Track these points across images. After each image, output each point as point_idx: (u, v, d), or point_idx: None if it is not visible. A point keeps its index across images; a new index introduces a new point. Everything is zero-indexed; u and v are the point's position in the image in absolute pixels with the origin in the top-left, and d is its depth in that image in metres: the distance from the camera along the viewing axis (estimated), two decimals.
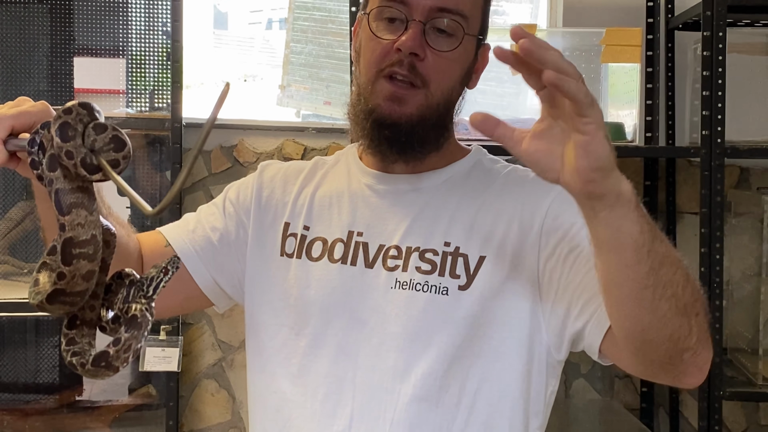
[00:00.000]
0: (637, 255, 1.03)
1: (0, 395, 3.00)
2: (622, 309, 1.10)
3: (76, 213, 0.97)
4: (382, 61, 1.31)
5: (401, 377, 1.29)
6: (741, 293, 2.95)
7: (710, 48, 2.51)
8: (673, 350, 1.11)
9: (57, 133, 0.96)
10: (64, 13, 2.92)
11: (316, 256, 1.38)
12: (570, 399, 3.01)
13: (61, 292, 0.97)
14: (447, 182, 1.39)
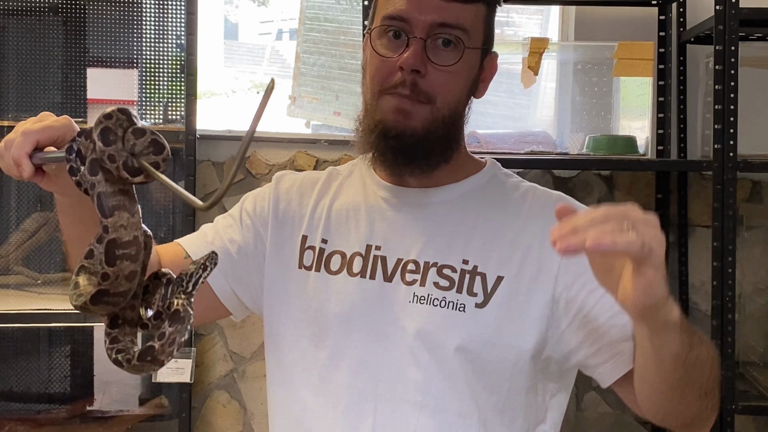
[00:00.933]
0: (673, 366, 1.14)
1: (13, 405, 3.01)
2: (652, 398, 1.23)
3: (119, 215, 0.99)
4: (386, 80, 1.33)
5: (422, 390, 1.31)
6: (753, 306, 2.94)
7: (722, 62, 2.51)
8: (689, 421, 1.26)
9: (99, 138, 0.98)
10: (78, 24, 2.93)
11: (335, 270, 1.39)
12: (582, 412, 3.01)
13: (105, 292, 1.00)
14: (464, 197, 1.40)
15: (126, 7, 2.97)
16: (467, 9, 1.33)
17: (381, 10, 1.35)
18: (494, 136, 2.75)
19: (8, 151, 1.10)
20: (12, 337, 2.99)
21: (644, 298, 1.02)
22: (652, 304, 1.04)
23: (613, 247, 0.96)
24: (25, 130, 1.10)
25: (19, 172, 1.10)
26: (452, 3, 1.31)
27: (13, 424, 2.80)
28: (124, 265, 0.99)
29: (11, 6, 2.91)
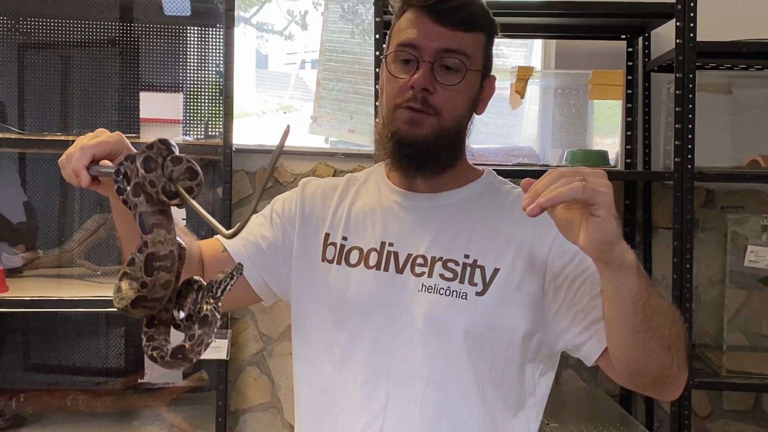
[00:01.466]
0: (634, 306, 1.14)
1: (76, 378, 3.01)
2: (620, 344, 1.20)
3: (157, 232, 1.00)
4: (399, 96, 1.34)
5: (429, 367, 1.32)
6: (707, 297, 2.94)
7: (682, 87, 2.51)
8: (658, 377, 1.22)
9: (141, 165, 0.99)
10: (132, 54, 2.94)
11: (354, 263, 1.39)
12: (560, 387, 3.00)
13: (143, 298, 1.01)
14: (465, 200, 1.41)
15: (173, 39, 2.97)
16: (468, 37, 1.34)
17: (395, 39, 1.37)
18: (486, 150, 2.75)
19: (69, 164, 1.12)
20: (75, 320, 3.00)
21: (599, 236, 1.06)
22: (606, 240, 1.07)
23: (561, 198, 1.04)
24: (83, 146, 1.12)
25: (78, 182, 1.12)
26: (456, 32, 1.33)
27: (76, 393, 2.81)
28: (161, 275, 1.00)
29: (76, 39, 2.92)
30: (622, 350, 1.21)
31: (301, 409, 1.44)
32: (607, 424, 2.60)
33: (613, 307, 1.17)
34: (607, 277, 1.14)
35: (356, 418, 1.33)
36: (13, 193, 2.96)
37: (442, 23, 1.32)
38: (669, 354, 1.20)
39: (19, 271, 2.82)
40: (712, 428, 3.02)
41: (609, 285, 1.15)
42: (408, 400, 1.32)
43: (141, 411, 2.85)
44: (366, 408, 1.33)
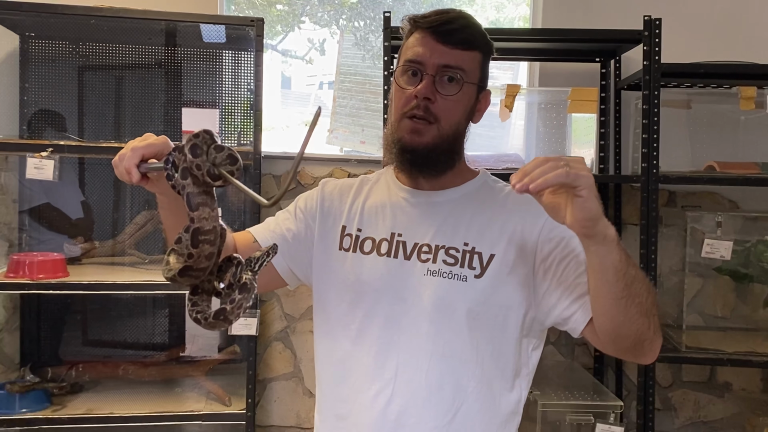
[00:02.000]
0: (616, 276, 1.14)
1: (127, 351, 3.01)
2: (603, 311, 1.19)
3: (202, 210, 0.99)
4: (405, 105, 1.33)
5: (433, 341, 1.31)
6: (669, 283, 2.93)
7: (648, 103, 2.49)
8: (637, 340, 1.20)
9: (189, 151, 0.98)
10: (175, 75, 2.94)
11: (367, 251, 1.38)
12: (542, 361, 2.92)
13: (189, 268, 1.00)
14: (464, 196, 1.40)
15: (210, 62, 2.97)
16: (466, 54, 1.33)
17: (404, 56, 1.36)
18: (479, 156, 2.73)
19: (121, 163, 1.12)
20: (126, 302, 3.00)
21: (583, 213, 1.07)
22: (590, 217, 1.08)
23: (548, 183, 1.05)
24: (133, 147, 1.12)
25: (130, 179, 1.12)
26: (455, 50, 1.32)
27: (126, 364, 2.81)
28: (205, 248, 0.99)
29: (128, 62, 2.93)
30: (607, 318, 1.19)
31: (322, 379, 1.43)
32: (582, 392, 2.60)
33: (597, 279, 1.16)
34: (591, 250, 1.13)
35: (370, 384, 1.33)
36: (72, 193, 2.95)
37: (444, 42, 1.32)
38: (646, 319, 1.18)
39: (78, 259, 2.81)
40: (672, 396, 3.01)
41: (594, 257, 1.14)
42: (415, 369, 1.31)
43: (182, 380, 2.84)
44: (379, 376, 1.32)
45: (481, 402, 1.32)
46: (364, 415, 1.33)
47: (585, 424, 2.51)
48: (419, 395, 1.31)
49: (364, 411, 1.33)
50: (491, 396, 1.34)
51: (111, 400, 2.63)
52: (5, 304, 2.84)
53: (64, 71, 2.87)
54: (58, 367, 2.76)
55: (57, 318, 2.95)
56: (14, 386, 2.53)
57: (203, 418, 2.54)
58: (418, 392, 1.31)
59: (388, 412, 1.31)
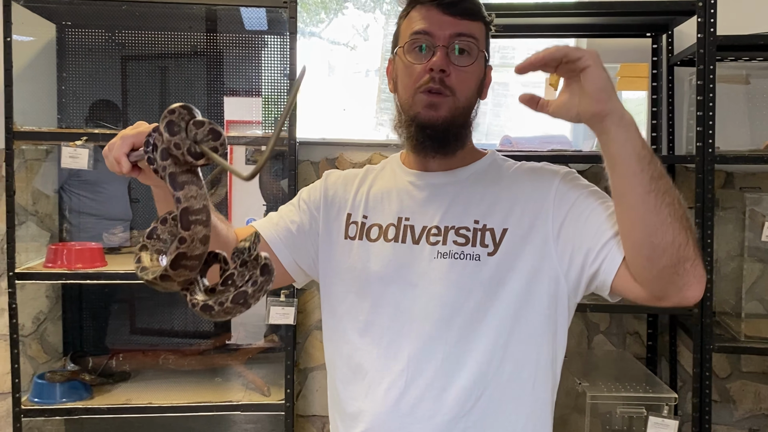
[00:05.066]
0: (640, 164, 1.06)
1: (173, 340, 2.99)
2: (633, 213, 1.08)
3: (188, 188, 0.89)
4: (418, 80, 1.26)
5: (447, 326, 1.23)
6: (727, 269, 2.77)
7: (703, 78, 2.34)
8: (676, 257, 1.07)
9: (165, 130, 0.89)
10: (217, 64, 2.89)
11: (374, 238, 1.31)
12: (592, 350, 2.87)
13: (183, 255, 0.88)
14: (472, 175, 1.33)
15: (251, 48, 2.91)
16: (474, 24, 1.29)
17: (406, 32, 1.30)
18: (523, 138, 2.61)
19: (111, 152, 1.06)
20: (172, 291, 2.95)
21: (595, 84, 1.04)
22: (603, 87, 1.04)
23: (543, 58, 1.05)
24: (123, 135, 1.05)
25: (120, 168, 1.05)
26: (463, 20, 1.27)
27: (167, 354, 2.78)
28: (198, 229, 0.88)
29: (171, 51, 2.88)
30: (638, 225, 1.07)
31: (333, 376, 1.36)
32: (634, 384, 2.50)
33: (620, 172, 1.08)
34: (611, 136, 1.07)
35: (382, 378, 1.25)
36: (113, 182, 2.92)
37: (450, 13, 1.27)
38: (682, 228, 1.07)
39: (118, 249, 2.79)
40: (731, 388, 2.85)
41: (614, 145, 1.07)
42: (429, 358, 1.23)
43: (222, 369, 2.80)
44: (390, 368, 1.25)
45: (504, 388, 1.23)
46: (377, 411, 1.25)
47: (637, 417, 2.42)
48: (434, 386, 1.22)
49: (376, 406, 1.25)
50: (517, 382, 1.24)
51: (151, 389, 2.61)
52: (48, 294, 2.83)
53: (101, 60, 2.84)
54: (99, 356, 2.74)
55: (98, 307, 2.93)
56: (55, 375, 2.52)
57: (242, 408, 2.49)
58: (433, 383, 1.23)
59: (402, 406, 1.23)
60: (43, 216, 2.80)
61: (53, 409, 2.46)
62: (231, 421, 2.89)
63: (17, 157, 2.47)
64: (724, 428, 2.84)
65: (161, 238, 0.98)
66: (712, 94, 2.33)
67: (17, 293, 2.41)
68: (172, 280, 0.90)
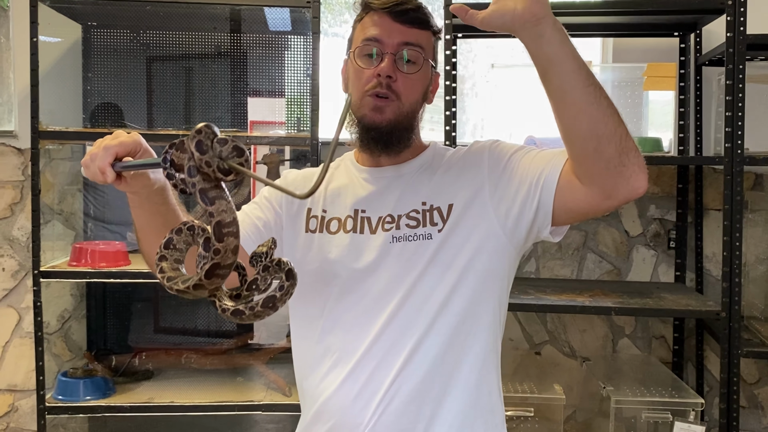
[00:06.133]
0: (577, 62, 1.13)
1: (194, 339, 2.99)
2: (577, 109, 1.14)
3: (219, 203, 0.93)
4: (366, 84, 1.35)
5: (405, 301, 1.32)
6: (756, 273, 2.73)
7: (732, 78, 2.29)
8: (621, 146, 1.14)
9: (195, 149, 0.93)
10: (241, 65, 2.89)
11: (334, 230, 1.40)
12: (617, 354, 2.84)
13: (217, 265, 0.93)
14: (420, 166, 1.42)
15: (275, 49, 2.91)
16: (422, 34, 1.37)
17: (360, 36, 1.39)
18: (548, 138, 2.57)
19: (94, 163, 1.08)
20: None
21: None
22: None
23: None
24: (106, 146, 1.08)
25: (104, 179, 1.08)
26: (412, 29, 1.36)
27: (189, 353, 2.80)
28: (230, 240, 0.93)
29: (195, 51, 2.90)
30: (582, 117, 1.14)
31: (299, 363, 1.43)
32: (660, 389, 2.46)
33: (561, 71, 1.13)
34: (548, 36, 1.12)
35: (349, 357, 1.33)
36: None
37: (400, 21, 1.35)
38: (620, 120, 1.14)
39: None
40: (759, 394, 2.80)
41: (551, 46, 1.12)
42: (385, 330, 1.31)
43: (244, 369, 2.80)
44: (355, 347, 1.33)
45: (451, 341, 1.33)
46: (340, 396, 1.32)
47: (662, 422, 2.38)
48: (390, 354, 1.31)
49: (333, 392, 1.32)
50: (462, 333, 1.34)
51: (173, 388, 2.61)
52: (72, 292, 2.85)
53: (126, 60, 2.85)
54: (122, 355, 2.75)
55: (122, 306, 2.95)
56: (77, 371, 2.55)
57: (263, 408, 2.49)
58: (388, 352, 1.31)
59: (359, 386, 1.31)
60: (68, 215, 2.82)
61: (77, 407, 2.48)
62: (252, 420, 2.89)
63: (43, 156, 2.49)
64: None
65: (177, 248, 1.02)
66: (742, 94, 2.29)
67: (42, 291, 2.43)
68: (204, 288, 0.95)
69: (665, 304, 2.42)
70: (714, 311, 2.33)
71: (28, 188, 2.73)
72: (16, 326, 2.83)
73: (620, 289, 2.63)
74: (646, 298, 2.47)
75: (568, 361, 2.86)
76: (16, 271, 2.82)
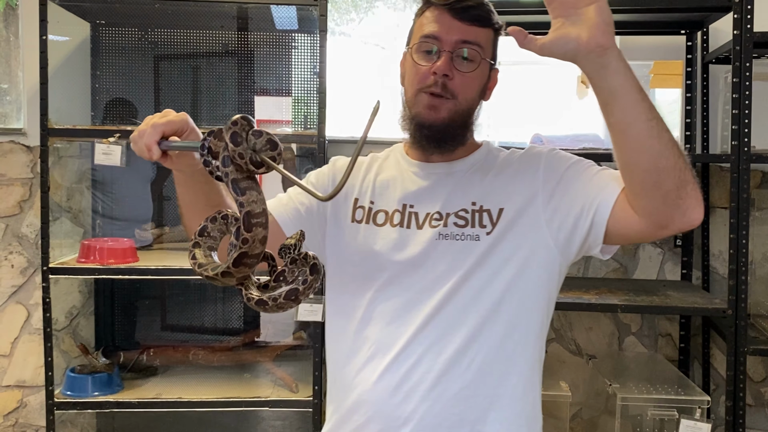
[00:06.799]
0: (640, 94, 1.10)
1: (202, 336, 3.01)
2: (639, 142, 1.12)
3: (250, 194, 0.96)
4: (422, 82, 1.34)
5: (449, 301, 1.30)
6: (762, 271, 2.72)
7: (739, 75, 2.29)
8: (679, 180, 1.12)
9: (230, 140, 0.96)
10: (248, 63, 2.90)
11: (381, 223, 1.38)
12: (623, 352, 2.84)
13: (245, 254, 0.96)
14: (471, 165, 1.41)
15: (282, 47, 2.91)
16: (482, 31, 1.35)
17: (418, 33, 1.37)
18: (554, 137, 2.58)
19: (141, 139, 1.10)
20: (200, 287, 2.99)
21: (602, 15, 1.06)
22: (608, 21, 1.06)
23: None
24: (153, 123, 1.10)
25: (150, 155, 1.10)
26: (471, 26, 1.33)
27: (196, 349, 2.81)
28: (258, 231, 0.96)
29: (202, 50, 2.91)
30: (644, 152, 1.12)
31: (334, 355, 1.42)
32: (666, 386, 2.46)
33: (623, 103, 1.10)
34: (612, 68, 1.08)
35: (388, 349, 1.32)
36: (144, 178, 2.94)
37: (460, 19, 1.33)
38: (680, 153, 1.12)
39: (150, 245, 2.81)
40: (766, 392, 2.80)
41: (616, 77, 1.09)
42: (426, 326, 1.30)
43: (251, 365, 2.82)
44: (395, 340, 1.31)
45: (497, 351, 1.31)
46: (373, 389, 1.31)
47: (668, 419, 2.38)
48: (432, 350, 1.29)
49: (373, 383, 1.31)
50: (509, 345, 1.32)
51: (181, 384, 2.63)
52: (81, 289, 2.87)
53: (134, 58, 2.87)
54: (130, 351, 2.77)
55: (130, 303, 2.97)
56: (84, 368, 2.57)
57: (270, 404, 2.50)
58: (431, 348, 1.30)
59: (398, 378, 1.29)
60: (76, 212, 2.84)
61: (85, 402, 2.49)
62: (259, 417, 2.90)
63: (52, 154, 2.51)
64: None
65: (212, 236, 1.04)
66: (748, 92, 2.28)
67: (51, 288, 2.45)
68: (232, 276, 0.97)
69: (671, 301, 2.42)
70: (720, 309, 2.33)
71: (37, 185, 2.75)
72: (24, 323, 2.85)
73: (626, 286, 2.63)
74: (652, 296, 2.47)
75: (574, 358, 2.86)
76: (24, 267, 2.84)
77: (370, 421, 1.31)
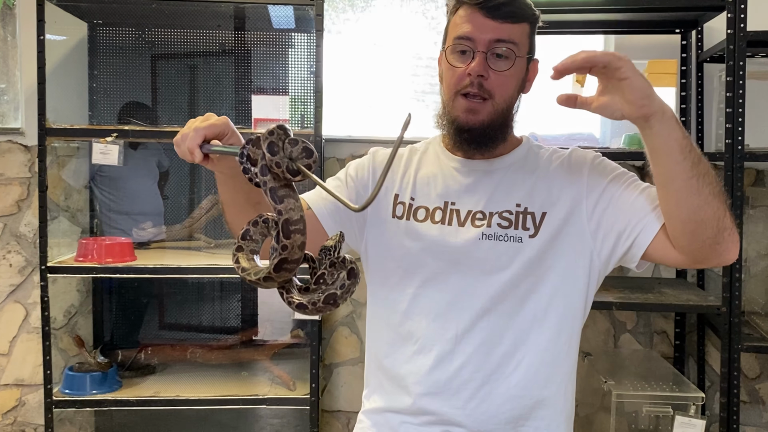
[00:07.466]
0: (682, 153, 1.14)
1: (200, 335, 3.02)
2: (678, 199, 1.17)
3: (287, 201, 0.98)
4: (458, 84, 1.32)
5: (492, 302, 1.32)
6: (756, 269, 2.74)
7: (733, 74, 2.30)
8: (717, 228, 1.17)
9: (267, 150, 0.98)
10: (245, 62, 2.92)
11: (421, 219, 1.38)
12: (618, 349, 2.85)
13: (284, 260, 0.98)
14: (513, 163, 1.40)
15: (279, 47, 2.93)
16: (515, 28, 1.32)
17: (452, 33, 1.35)
18: (550, 136, 2.59)
19: (184, 143, 1.13)
20: (199, 286, 3.00)
21: (634, 92, 1.11)
22: (644, 94, 1.11)
23: (577, 63, 1.12)
24: (196, 127, 1.12)
25: (192, 158, 1.12)
26: (504, 24, 1.31)
27: (194, 348, 2.82)
28: (297, 237, 0.98)
29: (200, 49, 2.92)
30: (683, 206, 1.17)
31: (377, 344, 1.43)
32: (661, 383, 2.47)
33: (665, 162, 1.16)
34: (655, 131, 1.14)
35: (433, 345, 1.34)
36: (142, 178, 2.95)
37: (492, 17, 1.30)
38: (720, 202, 1.17)
39: (147, 244, 2.81)
40: (760, 389, 2.81)
41: (658, 139, 1.15)
42: (474, 327, 1.32)
43: (248, 363, 2.83)
44: (441, 336, 1.34)
45: (543, 355, 1.33)
46: (423, 381, 1.34)
47: (663, 416, 2.40)
48: (479, 351, 1.32)
49: (423, 376, 1.34)
50: (554, 349, 1.34)
51: (179, 382, 2.64)
52: (79, 288, 2.87)
53: (131, 58, 2.87)
54: (128, 350, 2.77)
55: (129, 302, 2.98)
56: (83, 366, 2.58)
57: (268, 402, 2.51)
58: (478, 350, 1.32)
59: (448, 375, 1.32)
60: (74, 211, 2.85)
61: (83, 401, 2.50)
62: (257, 414, 2.92)
63: (49, 153, 2.51)
64: (753, 429, 2.80)
65: (254, 239, 1.06)
66: (742, 91, 2.30)
67: (49, 287, 2.45)
68: (273, 281, 1.00)
69: (666, 299, 2.43)
70: (715, 306, 2.35)
71: (35, 185, 2.76)
72: (23, 321, 2.86)
73: (622, 284, 2.65)
74: (647, 293, 2.48)
75: None
76: (23, 266, 2.85)
77: (420, 398, 1.34)
